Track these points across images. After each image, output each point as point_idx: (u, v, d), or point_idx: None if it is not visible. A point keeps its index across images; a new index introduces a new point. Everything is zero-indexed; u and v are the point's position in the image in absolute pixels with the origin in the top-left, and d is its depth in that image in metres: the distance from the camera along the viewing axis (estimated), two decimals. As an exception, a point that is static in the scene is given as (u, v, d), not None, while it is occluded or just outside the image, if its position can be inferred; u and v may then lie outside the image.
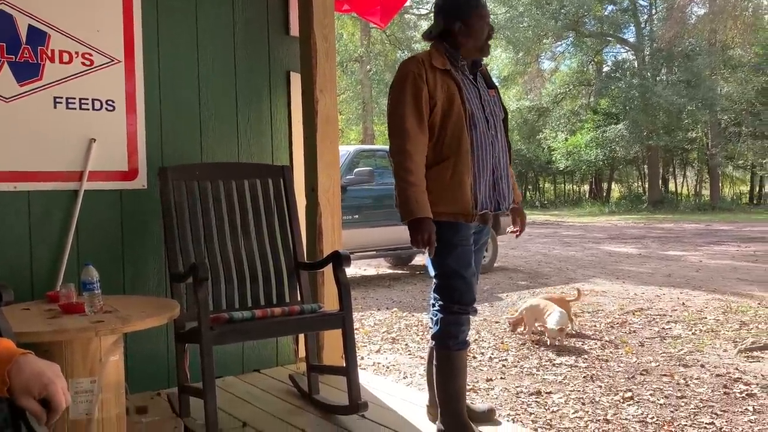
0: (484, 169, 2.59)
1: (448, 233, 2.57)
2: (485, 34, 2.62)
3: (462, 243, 2.59)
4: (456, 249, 2.57)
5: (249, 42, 3.54)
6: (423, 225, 2.47)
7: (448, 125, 2.52)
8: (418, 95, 2.51)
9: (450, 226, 2.56)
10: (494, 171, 2.63)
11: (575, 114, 30.35)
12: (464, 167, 2.52)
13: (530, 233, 15.78)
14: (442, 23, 2.62)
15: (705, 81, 25.53)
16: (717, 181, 29.28)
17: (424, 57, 2.58)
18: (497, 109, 2.71)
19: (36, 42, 2.95)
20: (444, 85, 2.53)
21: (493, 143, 2.62)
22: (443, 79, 2.54)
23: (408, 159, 2.49)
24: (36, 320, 2.28)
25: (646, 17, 29.18)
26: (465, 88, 2.57)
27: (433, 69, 2.54)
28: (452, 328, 2.60)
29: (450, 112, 2.52)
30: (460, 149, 2.52)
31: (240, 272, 3.11)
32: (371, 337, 5.34)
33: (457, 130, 2.52)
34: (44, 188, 2.97)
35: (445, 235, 2.57)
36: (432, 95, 2.52)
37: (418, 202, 2.47)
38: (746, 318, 5.72)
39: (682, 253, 11.22)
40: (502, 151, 2.68)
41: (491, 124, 2.63)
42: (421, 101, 2.51)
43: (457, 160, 2.52)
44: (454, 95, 2.53)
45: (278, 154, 3.65)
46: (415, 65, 2.54)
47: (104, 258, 3.06)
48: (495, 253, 9.28)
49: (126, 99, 3.17)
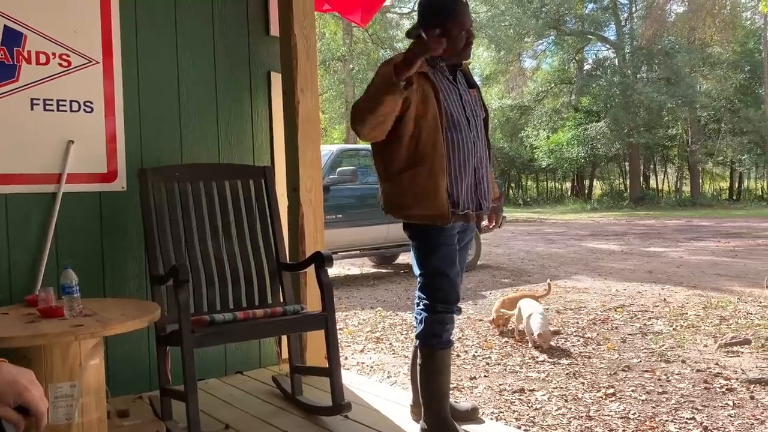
0: (466, 169, 2.59)
1: (433, 232, 2.57)
2: (463, 41, 2.58)
3: (446, 242, 2.59)
4: (440, 249, 2.58)
5: (229, 42, 3.52)
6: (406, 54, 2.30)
7: (422, 128, 2.49)
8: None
9: (435, 227, 2.57)
10: (476, 171, 2.63)
11: (557, 112, 30.55)
12: (439, 170, 2.50)
13: (513, 231, 15.86)
14: (420, 26, 2.60)
15: (684, 78, 25.82)
16: (697, 177, 29.61)
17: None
18: (478, 108, 2.71)
19: (12, 43, 2.91)
20: (419, 87, 2.48)
21: (475, 143, 2.62)
22: (418, 81, 2.48)
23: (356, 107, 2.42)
24: (14, 325, 2.26)
25: (626, 15, 29.45)
26: (443, 90, 2.55)
27: None
28: (436, 327, 2.60)
29: (425, 114, 2.49)
30: (435, 152, 2.49)
31: (221, 274, 3.09)
32: (355, 337, 5.34)
33: (432, 133, 2.49)
34: (22, 191, 2.93)
35: (430, 234, 2.57)
36: (406, 97, 2.45)
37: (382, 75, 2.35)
38: (726, 313, 5.78)
39: (663, 249, 11.32)
40: (484, 152, 2.69)
41: (473, 125, 2.63)
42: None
43: (433, 163, 2.50)
44: (428, 97, 2.50)
45: (259, 154, 3.63)
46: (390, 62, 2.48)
47: (84, 261, 3.03)
48: (478, 252, 9.32)
49: (104, 100, 3.14)
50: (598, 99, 27.96)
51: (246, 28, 3.58)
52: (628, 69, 27.57)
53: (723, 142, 27.80)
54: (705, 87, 27.12)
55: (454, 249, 2.64)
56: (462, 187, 2.59)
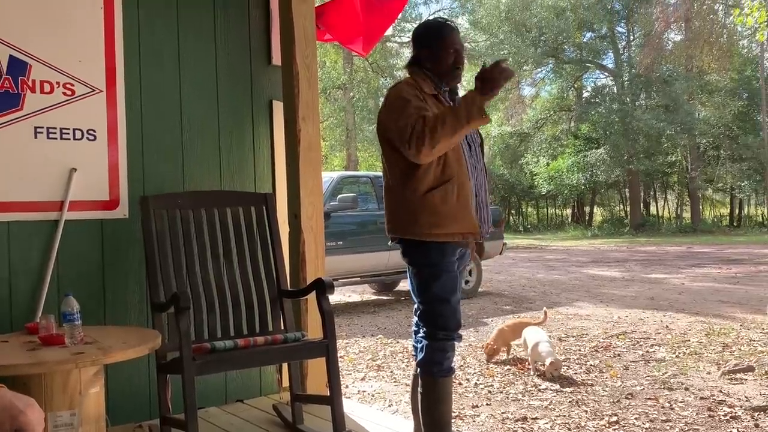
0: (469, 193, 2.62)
1: (435, 257, 2.57)
2: (449, 63, 2.64)
3: (448, 269, 2.59)
4: (442, 274, 2.57)
5: (231, 71, 3.56)
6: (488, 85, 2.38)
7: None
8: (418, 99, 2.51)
9: (438, 249, 2.56)
10: (476, 196, 2.65)
11: (556, 139, 30.70)
12: (468, 187, 2.57)
13: (514, 257, 15.83)
14: (414, 51, 2.72)
15: (683, 106, 25.98)
16: (697, 203, 29.63)
17: (413, 82, 2.62)
18: (475, 134, 2.75)
19: (17, 72, 2.94)
20: (438, 108, 2.56)
21: (475, 167, 2.66)
22: (434, 103, 2.58)
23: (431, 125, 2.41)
24: (15, 352, 2.25)
25: (624, 44, 29.73)
26: None
27: (424, 93, 2.58)
28: (437, 355, 2.59)
29: None
30: (460, 170, 2.56)
31: (222, 301, 3.08)
32: (356, 365, 5.30)
33: (457, 151, 2.57)
34: (24, 218, 2.94)
35: (433, 259, 2.57)
36: None
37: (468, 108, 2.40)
38: (729, 340, 5.75)
39: (664, 276, 11.30)
40: (483, 177, 2.72)
41: (472, 150, 2.68)
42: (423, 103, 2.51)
43: (461, 180, 2.56)
44: None
45: (261, 181, 3.65)
46: (409, 86, 2.59)
47: (85, 288, 3.02)
48: (479, 278, 9.29)
49: (107, 128, 3.16)
50: (597, 126, 28.11)
51: (249, 57, 3.62)
52: (626, 96, 27.76)
53: (722, 169, 27.86)
54: (703, 114, 27.27)
55: (455, 275, 2.64)
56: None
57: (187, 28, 3.41)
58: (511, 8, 27.96)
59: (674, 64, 27.33)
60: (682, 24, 26.84)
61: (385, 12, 3.86)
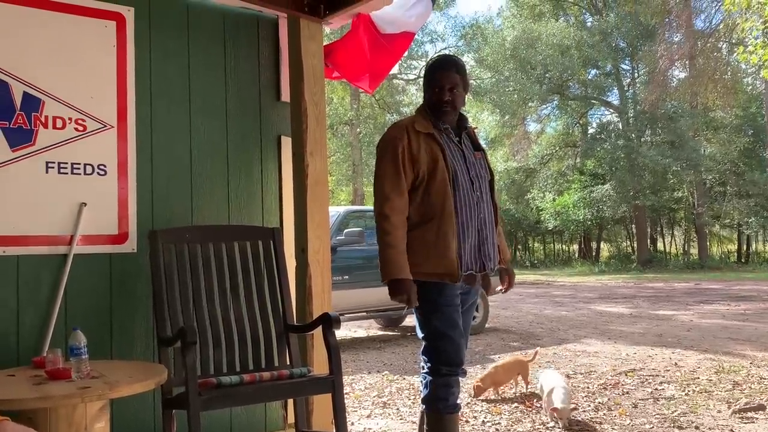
0: (469, 230, 2.63)
1: (433, 294, 2.58)
2: (433, 100, 2.76)
3: (447, 303, 2.60)
4: (441, 310, 2.58)
5: (241, 107, 3.61)
6: (400, 285, 2.55)
7: (432, 186, 2.60)
8: (396, 160, 2.63)
9: (435, 286, 2.58)
10: (479, 232, 2.67)
11: (562, 174, 30.77)
12: (449, 228, 2.58)
13: (521, 293, 15.75)
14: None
15: (688, 142, 26.04)
16: (705, 239, 29.50)
17: (408, 122, 2.71)
18: (483, 171, 2.78)
19: (30, 108, 3.00)
20: (428, 147, 2.63)
21: (479, 204, 2.67)
22: (427, 142, 2.64)
23: (385, 221, 2.59)
24: (21, 387, 2.25)
25: (628, 81, 29.96)
26: (448, 151, 2.65)
27: (417, 133, 2.65)
28: (441, 391, 2.57)
29: (434, 174, 2.60)
30: (444, 210, 2.58)
31: (228, 336, 3.08)
32: (362, 402, 5.25)
33: (441, 191, 2.59)
34: (33, 252, 2.97)
35: (431, 295, 2.58)
36: (416, 158, 2.62)
37: (395, 263, 2.56)
38: (739, 378, 5.68)
39: (672, 313, 11.20)
40: (488, 213, 2.73)
41: (476, 186, 2.69)
42: (400, 166, 2.62)
43: (442, 220, 2.58)
44: (437, 157, 2.62)
45: (269, 215, 3.67)
46: (398, 131, 2.68)
47: (92, 322, 3.03)
48: (486, 314, 9.23)
49: (118, 163, 3.20)
50: (602, 162, 28.17)
51: (258, 94, 3.68)
52: (632, 132, 27.87)
53: (729, 205, 27.81)
54: (709, 150, 27.31)
55: (456, 310, 2.64)
56: (465, 248, 2.62)
57: (198, 65, 3.47)
58: (516, 46, 28.29)
59: (679, 101, 27.48)
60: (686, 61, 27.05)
61: (391, 50, 3.93)
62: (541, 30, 28.28)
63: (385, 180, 2.65)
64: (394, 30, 3.86)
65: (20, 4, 2.99)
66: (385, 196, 2.63)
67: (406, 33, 3.93)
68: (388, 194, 2.62)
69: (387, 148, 2.69)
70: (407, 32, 3.94)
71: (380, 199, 2.64)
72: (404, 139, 2.64)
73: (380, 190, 2.66)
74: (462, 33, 30.90)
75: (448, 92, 2.73)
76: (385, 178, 2.65)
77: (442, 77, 2.75)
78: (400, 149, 2.64)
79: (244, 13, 3.64)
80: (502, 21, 32.45)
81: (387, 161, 2.67)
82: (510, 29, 29.95)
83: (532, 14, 30.83)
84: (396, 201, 2.62)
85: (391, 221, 2.60)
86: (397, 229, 2.60)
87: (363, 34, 3.74)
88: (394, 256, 2.57)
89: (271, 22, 3.74)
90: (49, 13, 3.06)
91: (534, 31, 28.28)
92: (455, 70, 2.77)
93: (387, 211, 2.61)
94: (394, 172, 2.64)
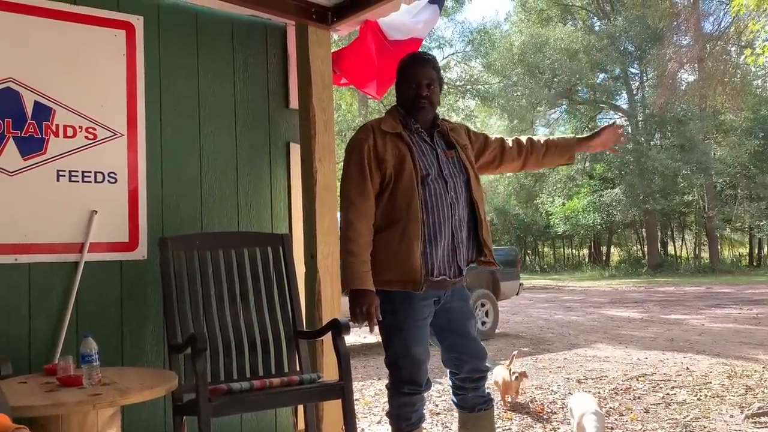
0: (441, 232, 2.52)
1: (397, 305, 2.50)
2: (412, 94, 2.65)
3: (414, 317, 2.50)
4: (404, 325, 2.50)
5: (250, 115, 3.63)
6: (361, 297, 2.42)
7: (398, 188, 2.51)
8: (362, 162, 2.54)
9: (400, 296, 2.49)
10: (453, 235, 2.56)
11: (571, 179, 30.71)
12: (414, 232, 2.47)
13: (531, 298, 15.70)
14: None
15: (698, 145, 25.94)
16: (716, 243, 29.34)
17: (374, 123, 2.64)
18: (457, 169, 2.64)
19: (41, 117, 3.02)
20: (394, 148, 2.54)
21: (453, 205, 2.56)
22: (393, 142, 2.56)
23: (349, 227, 2.50)
24: (33, 394, 2.26)
25: (637, 84, 29.90)
26: (417, 150, 2.57)
27: (383, 133, 2.58)
28: (404, 411, 2.53)
29: (401, 174, 2.51)
30: (409, 213, 2.48)
31: (238, 342, 3.09)
32: (372, 408, 5.25)
33: (407, 193, 2.49)
34: (45, 260, 2.99)
35: (394, 307, 2.50)
36: (381, 158, 2.53)
37: (356, 273, 2.44)
38: (752, 382, 5.64)
39: (684, 317, 11.14)
40: (464, 213, 2.61)
41: (450, 186, 2.58)
42: (366, 168, 2.54)
43: (407, 224, 2.47)
44: (404, 157, 2.53)
45: (278, 222, 3.69)
46: (364, 132, 2.61)
47: (103, 329, 3.04)
48: (496, 319, 9.20)
49: (128, 171, 3.22)
50: (612, 166, 28.10)
51: (267, 101, 3.69)
52: (641, 136, 27.79)
53: (740, 208, 27.66)
54: (719, 153, 27.19)
55: (424, 323, 2.54)
56: (437, 252, 2.52)
57: (207, 73, 3.50)
58: (524, 51, 28.29)
59: (688, 104, 27.40)
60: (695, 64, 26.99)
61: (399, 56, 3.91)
62: (548, 34, 28.29)
63: (350, 184, 2.54)
64: (401, 36, 3.87)
65: (31, 14, 3.02)
66: (350, 201, 2.51)
67: (414, 39, 3.94)
68: (353, 198, 2.51)
69: (353, 150, 2.58)
70: (415, 38, 3.94)
71: (345, 203, 2.53)
72: (369, 140, 2.55)
73: (345, 194, 2.55)
74: (470, 38, 30.92)
75: (426, 88, 2.63)
76: (351, 182, 2.54)
77: (419, 74, 2.65)
78: (366, 150, 2.54)
79: (253, 21, 3.66)
80: (509, 26, 32.54)
81: (352, 164, 2.56)
82: (518, 34, 29.98)
83: (540, 19, 30.85)
84: (361, 205, 2.50)
85: (355, 227, 2.48)
86: (360, 236, 2.48)
87: (370, 40, 3.76)
88: (355, 265, 2.45)
89: (279, 30, 3.76)
90: (59, 23, 3.09)
91: (542, 36, 28.29)
92: (431, 66, 2.68)
93: (351, 217, 2.49)
94: (359, 175, 2.53)
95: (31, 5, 3.02)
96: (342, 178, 2.62)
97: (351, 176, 2.56)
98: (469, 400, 2.68)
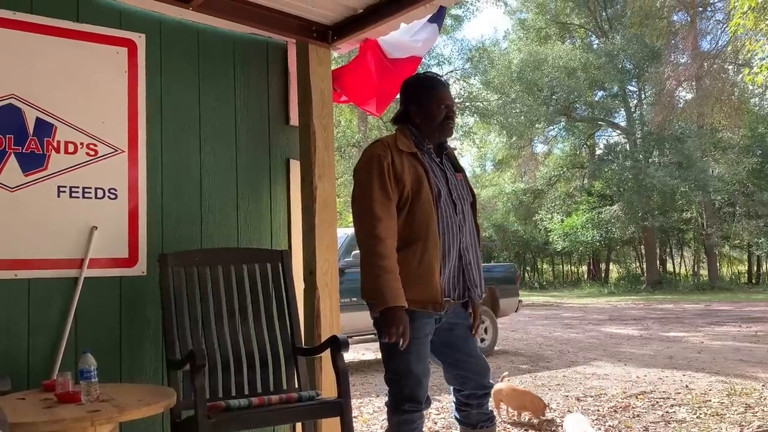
0: (450, 254, 2.51)
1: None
2: (441, 116, 2.61)
3: (416, 335, 2.46)
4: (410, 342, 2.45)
5: (250, 131, 3.65)
6: (398, 315, 2.36)
7: (416, 208, 2.47)
8: (383, 178, 2.46)
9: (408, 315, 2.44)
10: (461, 257, 2.55)
11: (570, 196, 30.79)
12: (433, 251, 2.44)
13: (530, 315, 15.68)
14: (402, 106, 2.69)
15: (696, 162, 26.02)
16: (714, 260, 29.34)
17: (390, 140, 2.57)
18: (464, 192, 2.66)
19: (43, 133, 3.04)
20: (411, 167, 2.50)
21: (461, 227, 2.56)
22: (410, 161, 2.51)
23: (380, 244, 2.39)
24: (31, 410, 2.26)
25: (635, 102, 30.04)
26: (432, 171, 2.55)
27: (399, 152, 2.52)
28: (403, 428, 2.51)
29: (419, 195, 2.47)
30: (428, 233, 2.45)
31: (237, 359, 3.09)
32: (370, 425, 5.23)
33: (426, 213, 2.46)
34: (44, 276, 2.99)
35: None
36: (400, 178, 2.47)
37: (393, 290, 2.36)
38: (751, 401, 5.62)
39: (683, 334, 11.11)
40: (470, 236, 2.61)
41: (459, 209, 2.58)
42: (388, 184, 2.45)
43: (426, 244, 2.44)
44: (422, 177, 2.49)
45: (277, 238, 3.69)
46: (381, 148, 2.52)
47: (102, 345, 3.04)
48: (495, 336, 9.17)
49: (128, 187, 3.23)
50: (610, 183, 28.17)
51: (267, 118, 3.72)
52: (639, 153, 27.88)
53: (739, 226, 27.68)
54: (717, 171, 27.27)
55: (425, 340, 2.52)
56: (446, 273, 2.50)
57: (208, 90, 3.52)
58: (522, 68, 28.45)
59: (686, 122, 27.52)
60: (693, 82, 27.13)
61: (398, 74, 3.96)
62: (547, 52, 28.46)
63: (373, 200, 2.42)
64: (401, 54, 3.90)
65: (34, 31, 3.05)
66: (377, 217, 2.40)
67: (413, 57, 3.97)
68: (379, 214, 2.41)
69: (372, 165, 2.48)
70: (414, 57, 3.98)
71: (371, 219, 2.41)
72: (388, 157, 2.48)
73: (369, 211, 2.42)
74: (468, 56, 31.11)
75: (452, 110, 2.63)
76: (373, 198, 2.42)
77: (446, 95, 2.63)
78: (386, 167, 2.46)
79: (254, 39, 3.69)
80: (508, 44, 32.74)
81: (373, 179, 2.45)
82: (516, 52, 30.15)
83: (539, 37, 31.06)
84: (389, 222, 2.42)
85: (386, 243, 2.38)
86: (391, 252, 2.39)
87: (370, 58, 3.79)
88: (391, 281, 2.36)
89: (280, 48, 3.79)
90: (62, 40, 3.11)
91: (540, 54, 28.46)
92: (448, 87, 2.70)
93: (381, 233, 2.38)
94: (382, 190, 2.44)
95: (34, 23, 3.04)
96: (360, 193, 2.50)
97: (372, 191, 2.44)
98: (472, 417, 2.67)
